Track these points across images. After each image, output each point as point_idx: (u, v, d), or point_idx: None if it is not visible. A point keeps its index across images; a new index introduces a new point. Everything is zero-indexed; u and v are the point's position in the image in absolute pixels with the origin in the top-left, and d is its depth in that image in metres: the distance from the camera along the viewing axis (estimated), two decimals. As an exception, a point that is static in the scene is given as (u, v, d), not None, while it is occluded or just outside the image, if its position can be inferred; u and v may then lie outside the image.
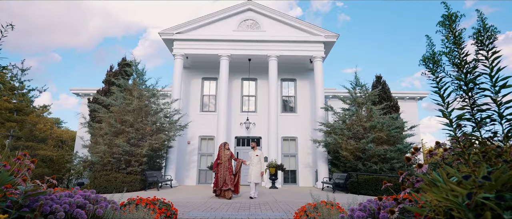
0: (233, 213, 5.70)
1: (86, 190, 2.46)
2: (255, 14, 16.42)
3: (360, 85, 14.49)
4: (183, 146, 16.04)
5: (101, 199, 2.39)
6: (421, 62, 1.91)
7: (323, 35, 15.80)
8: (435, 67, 1.88)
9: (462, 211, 0.88)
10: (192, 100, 17.10)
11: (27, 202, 2.00)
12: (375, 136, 12.59)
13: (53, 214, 2.07)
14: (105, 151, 12.25)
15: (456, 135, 1.74)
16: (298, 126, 16.66)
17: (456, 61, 2.02)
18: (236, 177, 9.12)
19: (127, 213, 3.05)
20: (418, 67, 2.20)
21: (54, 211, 2.07)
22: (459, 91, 1.96)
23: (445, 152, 1.95)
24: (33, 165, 2.17)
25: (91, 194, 2.42)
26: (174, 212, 4.14)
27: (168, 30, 15.76)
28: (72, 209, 2.17)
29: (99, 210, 2.29)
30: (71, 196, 2.30)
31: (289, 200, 8.41)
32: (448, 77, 2.02)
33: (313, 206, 3.47)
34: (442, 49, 2.00)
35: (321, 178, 14.11)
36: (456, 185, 0.94)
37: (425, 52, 1.90)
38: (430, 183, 1.16)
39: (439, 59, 1.86)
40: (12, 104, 17.39)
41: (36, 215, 1.77)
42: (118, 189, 11.72)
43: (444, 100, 1.82)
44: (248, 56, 16.29)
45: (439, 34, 2.10)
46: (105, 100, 13.88)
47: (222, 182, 8.83)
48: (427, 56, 1.89)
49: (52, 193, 2.20)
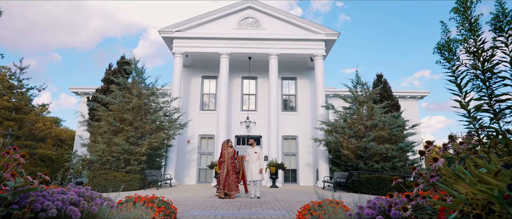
0: (233, 212, 5.59)
1: (80, 187, 2.34)
2: (255, 12, 16.29)
3: (361, 83, 14.38)
4: (183, 145, 15.92)
5: (96, 196, 2.27)
6: (436, 50, 1.80)
7: (324, 33, 15.68)
8: (450, 55, 1.76)
9: (502, 204, 0.76)
10: (192, 99, 16.98)
11: (17, 199, 1.88)
12: (377, 134, 12.48)
13: (44, 211, 1.96)
14: (104, 150, 12.13)
15: (475, 127, 1.63)
16: (299, 125, 16.54)
17: (472, 49, 1.90)
18: (240, 175, 8.64)
19: (124, 211, 2.93)
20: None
21: (46, 208, 1.96)
22: (475, 81, 1.85)
23: (461, 145, 1.83)
24: (23, 159, 2.05)
25: (85, 191, 2.30)
26: (173, 210, 4.02)
27: (168, 28, 15.63)
28: (65, 206, 2.05)
29: (94, 208, 2.17)
30: (65, 193, 2.18)
31: (290, 199, 8.29)
32: (464, 66, 1.91)
33: (318, 204, 3.36)
34: (457, 37, 1.88)
35: (321, 177, 14.00)
36: (491, 177, 0.83)
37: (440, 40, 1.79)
38: (454, 175, 1.05)
39: (455, 46, 1.74)
40: (10, 103, 17.26)
41: (25, 212, 1.65)
42: (117, 188, 11.58)
43: (461, 89, 1.70)
44: (248, 55, 16.17)
45: (453, 22, 1.99)
46: (104, 99, 13.76)
47: (224, 182, 8.29)
48: (442, 43, 1.78)
49: (44, 190, 2.08)
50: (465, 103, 1.66)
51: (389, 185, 11.05)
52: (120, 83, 14.03)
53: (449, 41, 1.76)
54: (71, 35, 78.36)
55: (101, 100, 14.32)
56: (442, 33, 1.81)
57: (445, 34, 1.78)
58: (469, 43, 1.90)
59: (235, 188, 8.35)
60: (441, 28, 1.79)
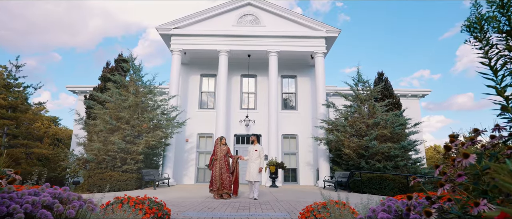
0: (231, 213, 5.33)
1: (57, 187, 2.08)
2: (255, 9, 16.02)
3: (363, 81, 14.12)
4: (181, 144, 15.66)
5: (73, 198, 2.01)
6: (465, 29, 1.54)
7: (325, 30, 15.41)
8: (482, 34, 1.51)
9: None
10: (191, 97, 16.71)
11: (-23, 202, 1.62)
12: (379, 133, 12.22)
13: (10, 215, 1.70)
14: (100, 149, 11.87)
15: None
16: (299, 123, 16.28)
17: (505, 28, 1.64)
18: (234, 175, 8.12)
19: (109, 214, 2.67)
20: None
21: (12, 212, 1.70)
22: (510, 64, 1.58)
23: (492, 139, 1.58)
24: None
25: (62, 192, 2.04)
26: (167, 212, 3.76)
27: (166, 25, 15.35)
28: (36, 209, 1.80)
29: (71, 211, 1.91)
30: (37, 194, 1.93)
31: (290, 199, 8.03)
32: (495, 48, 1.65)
33: (322, 205, 3.10)
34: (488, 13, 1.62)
35: (322, 177, 13.74)
36: None
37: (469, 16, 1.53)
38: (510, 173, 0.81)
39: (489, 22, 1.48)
40: (6, 101, 16.98)
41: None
42: (113, 188, 11.33)
43: (496, 73, 1.44)
44: (247, 52, 15.89)
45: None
46: (100, 96, 13.48)
47: (218, 182, 7.81)
48: (473, 20, 1.52)
49: (12, 191, 1.82)
50: (501, 89, 1.41)
51: (392, 185, 10.80)
52: (117, 80, 13.75)
53: (480, 17, 1.50)
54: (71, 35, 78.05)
55: (97, 98, 14.04)
56: (471, 9, 1.55)
57: (476, 9, 1.53)
58: (500, 21, 1.64)
59: (228, 188, 7.82)
60: (471, 3, 1.53)
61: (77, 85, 20.08)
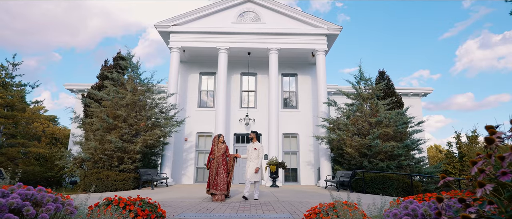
0: (231, 215, 5.07)
1: (30, 188, 1.82)
2: (255, 6, 15.74)
3: (365, 79, 13.84)
4: (180, 143, 15.39)
5: (48, 200, 1.75)
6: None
7: (326, 28, 15.14)
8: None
9: None
10: (190, 96, 16.43)
11: None
12: (381, 132, 11.95)
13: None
14: (96, 148, 11.59)
15: None
16: (300, 122, 16.01)
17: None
18: (229, 176, 7.75)
19: (94, 217, 2.40)
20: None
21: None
22: None
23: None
24: None
25: (36, 193, 1.78)
26: (161, 214, 3.49)
27: (164, 22, 15.08)
28: (1, 214, 1.54)
29: (44, 215, 1.65)
30: (4, 196, 1.67)
31: (292, 199, 7.76)
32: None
33: (330, 206, 2.83)
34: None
35: (323, 176, 13.48)
36: None
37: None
38: None
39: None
40: (3, 100, 16.70)
41: None
42: (110, 187, 11.07)
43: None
44: (247, 50, 15.62)
45: None
46: (97, 94, 13.21)
47: (214, 181, 7.42)
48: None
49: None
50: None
51: (395, 185, 10.54)
52: (114, 78, 13.47)
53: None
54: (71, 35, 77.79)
55: (94, 96, 13.77)
56: None
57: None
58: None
59: (225, 188, 7.47)
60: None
61: (75, 84, 19.83)
